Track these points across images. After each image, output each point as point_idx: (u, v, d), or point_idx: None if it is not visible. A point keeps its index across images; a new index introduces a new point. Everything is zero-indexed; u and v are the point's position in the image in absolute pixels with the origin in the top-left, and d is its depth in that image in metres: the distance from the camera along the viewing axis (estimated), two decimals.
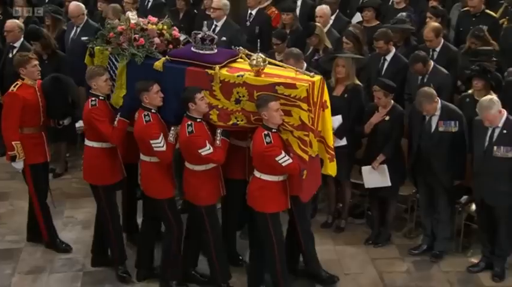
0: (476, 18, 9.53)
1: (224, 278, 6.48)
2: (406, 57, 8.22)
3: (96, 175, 6.58)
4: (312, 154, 6.03)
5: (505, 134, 6.56)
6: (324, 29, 8.82)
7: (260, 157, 5.99)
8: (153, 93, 6.11)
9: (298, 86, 5.86)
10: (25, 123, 6.85)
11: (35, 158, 6.94)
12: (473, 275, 6.97)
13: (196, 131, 6.01)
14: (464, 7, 9.96)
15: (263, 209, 6.13)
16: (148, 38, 6.28)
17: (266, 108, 5.84)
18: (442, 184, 6.87)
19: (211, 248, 6.37)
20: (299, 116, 5.88)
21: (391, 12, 9.90)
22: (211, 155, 6.03)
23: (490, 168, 6.67)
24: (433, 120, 6.90)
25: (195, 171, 6.19)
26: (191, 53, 6.19)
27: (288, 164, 5.89)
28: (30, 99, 6.83)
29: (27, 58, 6.87)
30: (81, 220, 7.97)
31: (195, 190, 6.23)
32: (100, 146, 6.50)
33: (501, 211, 6.76)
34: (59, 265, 7.13)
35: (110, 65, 6.44)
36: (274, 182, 6.07)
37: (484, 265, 7.04)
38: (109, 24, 6.45)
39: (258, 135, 5.95)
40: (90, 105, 6.37)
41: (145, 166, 6.36)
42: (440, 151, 6.79)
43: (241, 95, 6.00)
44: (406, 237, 7.31)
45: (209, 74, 6.04)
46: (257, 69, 5.97)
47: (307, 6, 10.32)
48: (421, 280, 6.90)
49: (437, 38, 8.37)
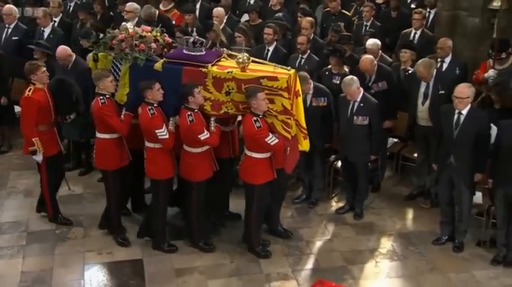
0: (335, 17, 9.78)
1: (200, 238, 6.45)
2: (284, 48, 8.36)
3: (107, 162, 6.38)
4: (292, 133, 6.01)
5: (362, 106, 6.79)
6: (220, 27, 8.84)
7: (251, 139, 5.94)
8: (155, 91, 5.98)
9: (279, 78, 5.82)
10: (40, 121, 6.55)
11: (50, 150, 6.66)
12: (341, 216, 7.18)
13: (196, 120, 5.91)
14: (325, 8, 10.20)
15: (253, 181, 6.10)
16: (147, 44, 6.12)
17: (255, 98, 5.79)
18: (316, 147, 6.97)
19: (193, 213, 6.32)
20: (281, 103, 5.85)
21: (269, 13, 10.01)
22: (209, 139, 5.96)
23: (352, 133, 6.89)
24: (308, 98, 7.00)
25: (193, 153, 6.08)
26: (185, 55, 6.07)
27: (275, 143, 5.88)
28: (42, 101, 6.53)
29: (36, 66, 6.59)
30: (23, 190, 7.72)
31: (192, 168, 6.13)
32: (110, 137, 6.29)
33: (360, 167, 6.99)
34: (6, 227, 6.88)
35: (114, 67, 6.24)
36: (262, 159, 6.03)
37: (348, 207, 7.26)
38: (109, 34, 6.24)
39: (247, 121, 5.91)
40: (100, 103, 6.15)
41: (151, 151, 6.19)
42: (314, 121, 6.85)
43: (231, 88, 5.93)
44: (289, 190, 7.42)
45: (203, 72, 5.95)
46: (243, 65, 5.90)
47: (205, 9, 10.28)
48: (302, 223, 7.06)
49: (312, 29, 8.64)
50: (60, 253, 6.50)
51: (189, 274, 6.15)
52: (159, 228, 6.44)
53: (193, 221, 6.38)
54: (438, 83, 7.02)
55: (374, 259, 6.41)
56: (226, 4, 10.08)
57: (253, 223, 6.29)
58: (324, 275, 6.03)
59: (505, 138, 6.08)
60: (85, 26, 9.39)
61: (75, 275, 6.16)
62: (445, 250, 6.54)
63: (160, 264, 6.32)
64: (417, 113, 7.19)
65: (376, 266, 6.31)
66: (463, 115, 6.26)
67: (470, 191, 6.43)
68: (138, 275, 6.15)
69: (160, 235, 6.45)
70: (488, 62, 7.74)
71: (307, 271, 6.18)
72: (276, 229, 6.68)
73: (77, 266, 6.28)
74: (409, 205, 7.42)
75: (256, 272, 6.17)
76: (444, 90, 6.92)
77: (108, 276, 6.18)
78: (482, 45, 8.27)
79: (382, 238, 6.79)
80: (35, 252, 6.51)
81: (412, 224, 7.10)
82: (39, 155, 6.55)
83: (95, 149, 6.47)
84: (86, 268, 6.26)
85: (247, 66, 5.93)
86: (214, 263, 6.30)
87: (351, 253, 6.47)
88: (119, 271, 6.22)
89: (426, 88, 7.08)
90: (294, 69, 6.09)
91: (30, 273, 6.16)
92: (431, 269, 6.22)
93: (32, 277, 6.11)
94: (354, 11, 10.26)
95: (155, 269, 6.25)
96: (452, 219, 6.58)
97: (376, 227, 6.95)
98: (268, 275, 6.12)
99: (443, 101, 6.73)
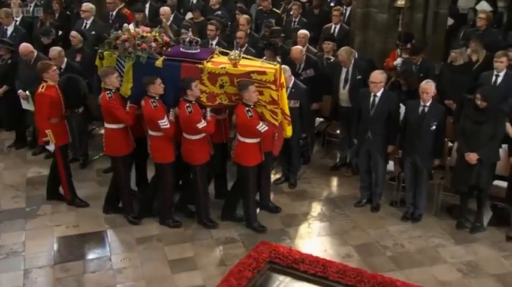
0: (267, 14, 9.74)
1: (206, 216, 6.28)
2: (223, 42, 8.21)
3: (115, 149, 6.17)
4: (278, 121, 5.91)
5: (293, 91, 6.71)
6: (167, 24, 8.64)
7: (244, 127, 5.83)
8: (157, 85, 5.80)
9: (267, 72, 5.71)
10: (52, 115, 6.28)
11: (62, 140, 6.40)
12: (278, 186, 7.16)
13: (194, 110, 5.75)
14: (259, 6, 10.12)
15: (246, 164, 5.98)
16: (148, 43, 5.90)
17: (247, 90, 5.67)
18: None
19: (200, 193, 6.16)
20: (270, 94, 5.74)
21: (210, 11, 9.84)
22: (205, 127, 5.82)
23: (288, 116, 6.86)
24: None
25: (192, 140, 5.91)
26: (182, 53, 5.88)
27: (265, 130, 5.78)
28: (54, 97, 6.26)
29: (48, 65, 6.32)
30: None
31: (193, 153, 5.97)
32: (117, 127, 6.08)
33: (293, 143, 6.92)
34: None
35: (118, 65, 6.01)
36: (253, 144, 5.92)
37: (284, 178, 7.24)
38: (114, 34, 6.00)
39: (240, 110, 5.78)
40: (107, 98, 5.95)
41: (154, 139, 6.00)
42: None
43: (225, 82, 5.78)
44: None
45: (199, 68, 5.79)
46: (235, 62, 5.76)
47: (153, 8, 10.01)
48: None
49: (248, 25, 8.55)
50: (31, 228, 6.28)
51: (149, 242, 6.05)
52: (166, 207, 6.28)
53: (200, 201, 6.22)
54: (356, 70, 7.10)
55: (307, 221, 6.47)
56: (172, 4, 9.86)
57: (250, 201, 6.18)
58: (266, 237, 6.05)
59: (411, 116, 6.23)
60: (45, 25, 9.07)
61: (45, 247, 5.97)
62: (365, 210, 6.68)
63: (123, 234, 6.18)
64: (339, 96, 7.24)
65: (309, 227, 6.37)
66: (377, 97, 6.36)
67: (384, 160, 6.56)
68: (103, 245, 6.01)
69: (167, 212, 6.29)
70: (396, 51, 7.90)
71: (251, 234, 6.17)
72: (267, 204, 6.61)
73: (47, 239, 6.09)
74: (334, 174, 7.51)
75: (207, 237, 6.13)
76: (361, 76, 7.01)
77: (76, 246, 6.00)
78: (390, 37, 8.43)
79: (313, 203, 6.86)
80: (7, 228, 6.25)
81: (337, 190, 7.20)
82: (52, 145, 6.34)
83: (104, 138, 6.25)
84: (55, 241, 6.07)
85: (238, 62, 5.82)
86: (170, 231, 6.21)
87: (288, 217, 6.51)
88: (85, 241, 6.06)
89: (346, 74, 7.14)
90: (279, 64, 6.01)
91: (4, 247, 5.94)
92: (354, 227, 6.34)
93: (6, 250, 5.89)
94: (283, 9, 10.24)
95: (118, 239, 6.12)
96: (370, 184, 6.71)
97: (307, 194, 7.01)
98: (218, 240, 6.09)
99: (360, 85, 6.81)
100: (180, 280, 5.47)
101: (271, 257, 5.49)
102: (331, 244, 6.06)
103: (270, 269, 5.44)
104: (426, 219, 6.44)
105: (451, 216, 6.48)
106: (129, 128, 6.15)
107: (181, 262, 5.72)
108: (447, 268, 5.66)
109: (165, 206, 6.30)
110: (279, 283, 5.27)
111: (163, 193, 6.24)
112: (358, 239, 6.11)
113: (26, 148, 8.09)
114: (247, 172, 6.05)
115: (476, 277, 5.53)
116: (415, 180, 6.35)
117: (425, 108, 6.11)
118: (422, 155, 6.17)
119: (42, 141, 6.38)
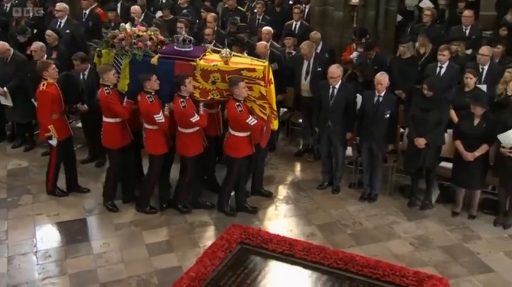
0: (232, 12, 9.62)
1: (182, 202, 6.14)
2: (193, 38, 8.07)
3: (112, 141, 5.97)
4: (267, 115, 5.79)
5: None
6: (139, 21, 8.37)
7: (235, 121, 5.70)
8: (152, 81, 5.64)
9: (257, 69, 5.58)
10: (53, 111, 6.05)
11: (63, 135, 6.18)
12: None
13: (187, 105, 5.60)
14: (224, 5, 9.98)
15: (236, 155, 5.86)
16: (144, 42, 5.70)
17: (237, 86, 5.54)
18: None
19: (188, 182, 6.02)
20: (259, 90, 5.62)
21: (178, 10, 9.64)
22: (199, 121, 5.68)
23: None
24: None
25: (186, 133, 5.76)
26: (176, 51, 5.70)
27: (254, 124, 5.66)
28: (55, 94, 6.04)
29: (48, 64, 6.08)
30: None
31: (186, 145, 5.81)
32: (115, 121, 5.90)
33: None
34: None
35: (115, 62, 5.81)
36: (243, 137, 5.80)
37: None
38: (111, 33, 5.79)
39: (231, 105, 5.65)
40: (105, 93, 5.78)
41: (149, 132, 5.83)
42: None
43: (216, 78, 5.64)
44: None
45: (192, 65, 5.63)
46: (226, 59, 5.61)
47: (125, 8, 9.74)
48: (219, 179, 6.70)
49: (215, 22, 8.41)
50: (13, 217, 6.06)
51: (126, 227, 5.92)
52: (146, 194, 6.14)
53: (184, 188, 6.08)
54: (317, 62, 7.07)
55: (274, 204, 6.44)
56: (142, 3, 9.63)
57: (228, 187, 6.09)
58: (236, 220, 6.00)
59: (367, 105, 6.25)
60: (20, 24, 8.71)
61: (28, 235, 5.77)
62: (326, 192, 6.69)
63: (101, 221, 6.04)
64: (301, 87, 7.20)
65: (276, 210, 6.34)
66: (336, 89, 6.34)
67: (343, 146, 6.57)
68: (83, 232, 5.85)
69: (145, 200, 6.15)
70: (352, 46, 7.91)
71: (223, 217, 6.11)
72: (260, 189, 6.53)
73: (29, 228, 5.89)
74: (298, 159, 7.49)
75: (181, 222, 6.03)
76: (321, 68, 6.98)
77: (57, 234, 5.83)
78: (346, 32, 8.44)
79: (279, 186, 6.83)
80: None
81: (301, 174, 7.19)
82: (54, 139, 6.13)
83: (102, 131, 6.04)
84: (37, 229, 5.88)
85: (229, 59, 5.69)
86: (147, 217, 6.09)
87: (256, 200, 6.45)
88: (66, 229, 5.89)
89: (308, 66, 7.09)
90: (267, 62, 5.89)
91: None
92: (317, 208, 6.35)
93: None
94: (247, 7, 10.13)
95: (97, 226, 5.97)
96: (330, 169, 6.72)
97: (274, 179, 6.97)
98: (192, 224, 6.00)
99: (321, 77, 6.77)
100: (157, 262, 5.38)
101: (242, 238, 5.44)
102: (297, 224, 6.06)
103: (241, 249, 5.39)
104: (381, 199, 6.50)
105: (403, 195, 6.56)
106: (126, 122, 6.00)
107: (158, 246, 5.63)
108: (401, 242, 5.73)
109: (145, 193, 6.17)
110: (249, 261, 5.23)
111: (148, 181, 6.13)
112: (321, 219, 6.12)
113: (5, 141, 7.83)
114: (233, 163, 5.98)
115: (426, 249, 5.62)
116: (371, 164, 6.39)
117: (380, 98, 6.14)
118: (378, 140, 6.21)
119: (45, 136, 6.18)
